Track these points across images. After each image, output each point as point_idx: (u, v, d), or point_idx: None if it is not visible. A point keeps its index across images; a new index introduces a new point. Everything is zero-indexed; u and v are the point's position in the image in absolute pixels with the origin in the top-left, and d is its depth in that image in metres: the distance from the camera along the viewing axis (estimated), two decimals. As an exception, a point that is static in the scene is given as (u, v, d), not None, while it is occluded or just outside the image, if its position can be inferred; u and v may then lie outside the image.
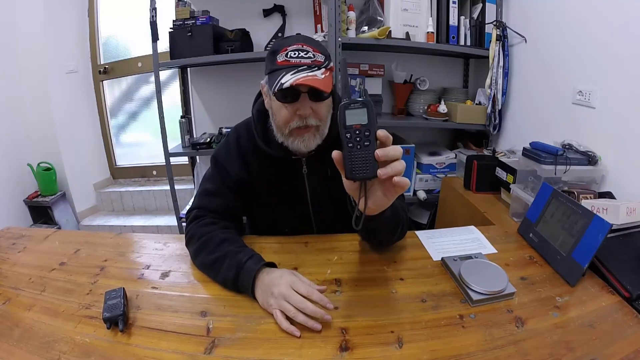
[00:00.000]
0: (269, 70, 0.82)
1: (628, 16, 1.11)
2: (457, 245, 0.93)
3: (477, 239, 0.96)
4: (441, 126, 2.00)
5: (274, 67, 0.79)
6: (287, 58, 0.78)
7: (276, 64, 0.79)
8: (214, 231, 0.85)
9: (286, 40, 0.83)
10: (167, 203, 2.59)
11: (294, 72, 0.76)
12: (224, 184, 0.94)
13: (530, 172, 1.24)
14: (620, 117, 1.15)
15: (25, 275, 0.82)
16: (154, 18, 1.70)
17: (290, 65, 0.78)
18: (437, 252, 0.89)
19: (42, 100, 2.29)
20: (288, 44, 0.80)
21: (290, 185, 0.94)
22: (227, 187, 0.93)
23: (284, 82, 0.75)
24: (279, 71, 0.78)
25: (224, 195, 0.93)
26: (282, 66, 0.78)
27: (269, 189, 0.95)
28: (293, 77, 0.75)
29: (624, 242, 0.86)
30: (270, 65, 0.81)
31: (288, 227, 0.99)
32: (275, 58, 0.79)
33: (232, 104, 2.16)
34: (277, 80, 0.76)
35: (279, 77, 0.76)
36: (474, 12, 1.88)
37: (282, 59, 0.79)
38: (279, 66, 0.78)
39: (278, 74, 0.77)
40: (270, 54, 0.82)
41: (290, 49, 0.79)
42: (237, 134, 0.97)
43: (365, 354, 0.59)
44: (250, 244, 0.86)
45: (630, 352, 0.58)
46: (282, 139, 0.86)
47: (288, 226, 0.99)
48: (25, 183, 2.32)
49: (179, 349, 0.60)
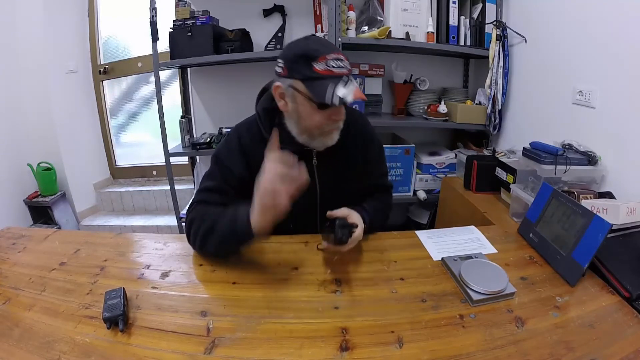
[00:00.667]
0: (304, 76, 0.81)
1: (628, 16, 1.11)
2: (457, 245, 0.93)
3: (477, 239, 0.96)
4: (441, 126, 2.00)
5: (313, 75, 0.80)
6: (329, 68, 0.79)
7: (316, 72, 0.79)
8: (209, 209, 0.88)
9: (316, 45, 0.81)
10: (167, 203, 2.59)
11: (344, 84, 0.79)
12: (225, 181, 0.94)
13: (530, 172, 1.24)
14: (620, 117, 1.15)
15: (25, 275, 0.82)
16: (154, 18, 1.70)
17: (334, 76, 0.80)
18: (437, 252, 0.89)
19: (42, 100, 2.29)
20: (324, 51, 0.80)
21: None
22: (229, 184, 0.94)
23: (342, 96, 0.78)
24: (324, 81, 0.79)
25: (225, 192, 0.94)
26: (325, 75, 0.79)
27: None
28: (348, 91, 0.79)
29: (624, 242, 0.86)
30: (305, 72, 0.80)
31: (292, 223, 0.98)
32: (313, 65, 0.79)
33: (232, 104, 2.16)
34: (328, 91, 0.78)
35: (328, 87, 0.78)
36: (474, 12, 1.88)
37: (323, 67, 0.79)
38: (321, 75, 0.79)
39: (323, 84, 0.79)
40: (303, 59, 0.81)
41: (330, 59, 0.80)
42: (238, 134, 0.98)
43: (365, 354, 0.59)
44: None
45: (630, 352, 0.58)
46: (307, 139, 0.90)
47: (293, 221, 0.99)
48: (25, 183, 2.32)
49: (179, 349, 0.60)
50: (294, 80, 0.83)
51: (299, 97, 0.84)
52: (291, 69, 0.83)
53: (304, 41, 0.84)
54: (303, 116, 0.86)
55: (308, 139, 0.90)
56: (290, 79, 0.83)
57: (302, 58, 0.81)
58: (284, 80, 0.85)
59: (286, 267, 0.84)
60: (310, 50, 0.80)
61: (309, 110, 0.84)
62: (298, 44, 0.84)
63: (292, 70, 0.82)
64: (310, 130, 0.88)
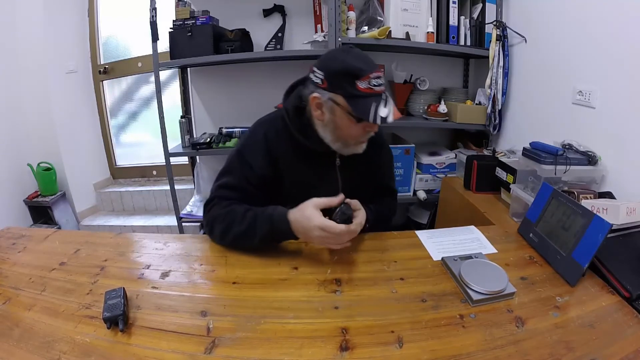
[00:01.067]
0: (347, 93, 0.83)
1: (628, 16, 1.11)
2: (457, 245, 0.93)
3: (477, 239, 0.96)
4: (441, 126, 2.00)
5: (355, 93, 0.82)
6: (371, 86, 0.82)
7: (359, 90, 0.82)
8: (234, 208, 0.91)
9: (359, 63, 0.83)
10: (167, 203, 2.59)
11: (384, 103, 0.84)
12: (245, 178, 0.95)
13: (530, 172, 1.24)
14: (620, 117, 1.15)
15: (25, 275, 0.82)
16: (154, 18, 1.70)
17: (376, 94, 0.83)
18: (437, 252, 0.89)
19: (42, 100, 2.29)
20: (367, 70, 0.82)
21: (323, 176, 1.01)
22: (248, 182, 0.96)
23: (384, 116, 0.82)
24: (366, 99, 0.82)
25: (244, 189, 0.96)
26: (367, 94, 0.82)
27: (300, 181, 0.99)
28: (389, 110, 0.83)
29: (624, 242, 0.86)
30: (349, 89, 0.83)
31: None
32: (356, 84, 0.82)
33: (232, 104, 2.16)
34: (372, 111, 0.81)
35: (371, 107, 0.82)
36: (474, 12, 1.88)
37: (366, 86, 0.82)
38: (364, 93, 0.82)
39: (366, 103, 0.82)
40: (347, 76, 0.82)
41: (373, 77, 0.82)
42: (264, 130, 0.99)
43: (366, 353, 0.59)
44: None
45: (630, 352, 0.58)
46: (341, 147, 0.94)
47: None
48: (25, 183, 2.32)
49: (179, 349, 0.60)
50: (334, 94, 0.85)
51: (338, 110, 0.86)
52: (333, 84, 0.85)
53: (345, 55, 0.85)
54: (340, 127, 0.89)
55: (341, 147, 0.94)
56: (330, 92, 0.85)
57: (346, 75, 0.82)
58: (323, 92, 0.86)
59: (286, 267, 0.84)
60: (354, 68, 0.82)
61: (347, 123, 0.87)
62: (339, 57, 0.85)
63: (334, 85, 0.84)
64: (345, 140, 0.92)
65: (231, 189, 0.96)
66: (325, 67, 0.86)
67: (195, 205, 2.11)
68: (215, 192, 0.97)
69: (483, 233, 0.98)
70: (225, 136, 1.95)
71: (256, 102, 2.13)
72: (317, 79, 0.87)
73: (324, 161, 1.00)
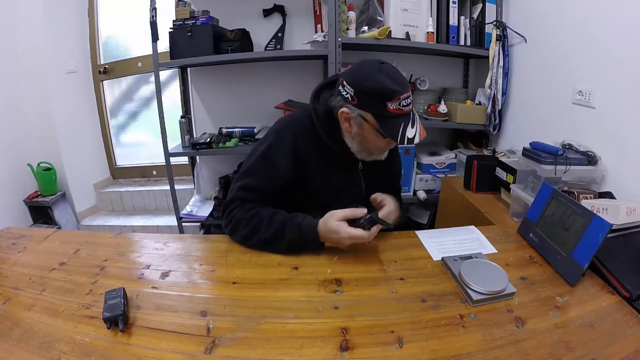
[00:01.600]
0: (377, 112, 0.85)
1: (628, 16, 1.11)
2: (457, 245, 0.93)
3: (477, 239, 0.96)
4: (441, 126, 2.00)
5: (385, 113, 0.84)
6: (401, 107, 0.84)
7: (389, 111, 0.84)
8: (260, 212, 0.92)
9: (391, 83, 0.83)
10: (167, 203, 2.59)
11: (411, 123, 0.86)
12: (269, 180, 0.95)
13: (530, 172, 1.24)
14: (620, 117, 1.15)
15: (25, 275, 0.82)
16: (154, 18, 1.70)
17: (404, 114, 0.86)
18: (437, 252, 0.89)
19: (42, 100, 2.29)
20: (399, 91, 0.83)
21: (347, 179, 1.03)
22: (272, 184, 0.96)
23: (411, 137, 0.85)
24: (395, 120, 0.85)
25: (266, 192, 0.96)
26: (397, 115, 0.85)
27: (325, 183, 1.00)
28: (416, 131, 0.86)
29: (624, 242, 0.86)
30: (379, 109, 0.85)
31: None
32: (387, 105, 0.83)
33: (232, 104, 2.16)
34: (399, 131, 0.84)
35: (400, 128, 0.84)
36: (474, 12, 1.88)
37: (395, 107, 0.84)
38: (393, 114, 0.84)
39: (395, 124, 0.85)
40: (377, 96, 0.84)
41: (403, 98, 0.84)
42: (292, 131, 0.98)
43: (366, 353, 0.59)
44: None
45: (630, 352, 0.58)
46: (366, 156, 0.97)
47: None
48: (25, 183, 2.32)
49: (179, 349, 0.60)
50: (364, 112, 0.87)
51: (367, 126, 0.88)
52: (363, 102, 0.86)
53: (377, 74, 0.84)
54: (367, 140, 0.92)
55: (365, 155, 0.97)
56: (360, 109, 0.87)
57: (377, 95, 0.84)
58: (353, 108, 0.87)
59: (286, 267, 0.84)
60: (386, 89, 0.83)
61: (374, 137, 0.89)
62: (372, 76, 0.85)
63: (364, 103, 0.86)
64: (370, 150, 0.95)
65: (253, 191, 0.95)
66: (356, 84, 0.86)
67: (195, 205, 2.11)
68: (237, 193, 0.97)
69: (483, 233, 0.98)
70: (225, 136, 1.95)
71: (256, 102, 2.13)
72: (347, 94, 0.87)
73: (347, 165, 1.02)
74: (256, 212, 0.92)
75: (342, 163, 1.00)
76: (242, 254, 0.90)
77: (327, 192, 1.01)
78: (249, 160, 1.00)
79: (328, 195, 1.01)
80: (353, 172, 1.04)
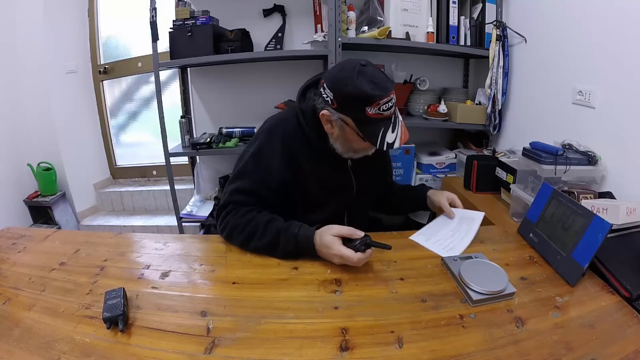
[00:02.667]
0: (355, 117, 0.86)
1: (628, 16, 1.11)
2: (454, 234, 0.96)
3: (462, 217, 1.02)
4: (441, 126, 2.00)
5: (364, 119, 0.84)
6: (381, 112, 0.84)
7: (368, 116, 0.83)
8: (255, 217, 0.90)
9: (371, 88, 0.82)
10: (167, 203, 2.59)
11: (392, 127, 0.86)
12: (262, 182, 0.95)
13: (530, 172, 1.24)
14: (620, 117, 1.15)
15: (25, 275, 0.82)
16: (154, 18, 1.70)
17: (384, 119, 0.85)
18: (442, 249, 0.90)
19: (42, 100, 2.29)
20: (378, 96, 0.82)
21: (338, 178, 1.03)
22: (266, 185, 0.95)
23: (390, 142, 0.85)
24: (375, 125, 0.85)
25: (260, 194, 0.95)
26: (376, 119, 0.84)
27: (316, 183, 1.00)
28: (395, 136, 0.86)
29: (624, 242, 0.86)
30: (358, 114, 0.84)
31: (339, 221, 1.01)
32: (366, 110, 0.82)
33: (232, 104, 2.16)
34: (379, 135, 0.84)
35: (380, 133, 0.85)
36: (474, 12, 1.88)
37: (375, 112, 0.83)
38: (373, 119, 0.84)
39: (375, 128, 0.85)
40: (357, 101, 0.83)
41: (382, 103, 0.82)
42: (281, 131, 0.98)
43: (365, 354, 0.59)
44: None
45: (630, 352, 0.58)
46: (350, 155, 0.97)
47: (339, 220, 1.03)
48: (25, 183, 2.32)
49: (179, 349, 0.60)
50: (344, 116, 0.87)
51: (347, 129, 0.89)
52: (343, 106, 0.86)
53: (357, 77, 0.82)
54: (350, 142, 0.92)
55: (351, 155, 0.98)
56: (340, 113, 0.87)
57: (356, 100, 0.83)
58: (333, 111, 0.88)
59: (286, 267, 0.84)
60: (364, 95, 0.82)
61: (356, 139, 0.90)
62: (351, 81, 0.83)
63: (344, 108, 0.86)
64: (354, 150, 0.96)
65: (246, 194, 0.94)
66: (335, 89, 0.85)
67: (195, 205, 2.11)
68: (230, 196, 0.96)
69: (483, 233, 0.98)
70: (225, 136, 1.95)
71: (256, 102, 2.13)
72: (327, 97, 0.87)
73: (337, 163, 1.02)
74: (251, 217, 0.91)
75: (331, 161, 1.00)
76: (242, 254, 0.90)
77: (322, 191, 1.01)
78: (240, 162, 0.99)
79: (322, 194, 1.01)
80: (342, 170, 1.04)
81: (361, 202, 1.12)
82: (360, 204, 1.12)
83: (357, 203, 1.10)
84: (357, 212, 1.12)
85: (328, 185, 1.02)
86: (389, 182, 1.28)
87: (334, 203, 1.04)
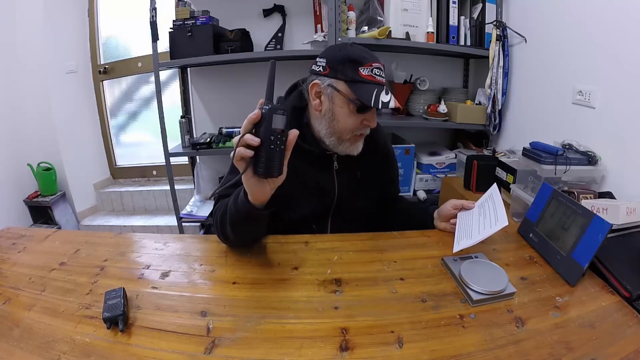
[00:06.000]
0: (349, 78, 0.84)
1: (628, 16, 1.11)
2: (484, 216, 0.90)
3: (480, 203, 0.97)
4: (441, 126, 2.01)
5: (357, 78, 0.83)
6: (374, 75, 0.84)
7: (361, 76, 0.83)
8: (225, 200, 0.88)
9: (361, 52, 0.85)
10: (167, 203, 2.59)
11: (385, 92, 0.84)
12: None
13: (530, 172, 1.24)
14: (620, 117, 1.15)
15: (25, 275, 0.82)
16: (154, 18, 1.71)
17: (377, 83, 0.84)
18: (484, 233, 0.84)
19: (42, 100, 2.29)
20: (370, 59, 0.84)
21: (320, 178, 1.00)
22: None
23: (385, 101, 0.82)
24: (369, 85, 0.83)
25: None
26: (369, 81, 0.84)
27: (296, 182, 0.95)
28: (389, 98, 0.84)
29: (624, 242, 0.86)
30: (351, 74, 0.84)
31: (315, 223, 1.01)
32: (359, 70, 0.83)
33: (232, 104, 2.16)
34: (372, 95, 0.82)
35: (373, 92, 0.82)
36: (474, 12, 1.88)
37: (368, 73, 0.83)
38: (366, 80, 0.83)
39: (369, 88, 0.83)
40: (349, 61, 0.84)
41: (375, 66, 0.84)
42: None
43: (365, 354, 0.59)
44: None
45: (630, 352, 0.58)
46: (335, 143, 0.92)
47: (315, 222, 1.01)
48: (25, 183, 2.32)
49: (179, 349, 0.60)
50: (336, 80, 0.85)
51: (338, 97, 0.86)
52: (335, 70, 0.85)
53: (348, 47, 0.87)
54: (337, 117, 0.88)
55: (335, 142, 0.92)
56: (332, 78, 0.86)
57: (349, 61, 0.84)
58: (323, 79, 0.87)
59: (286, 267, 0.84)
60: (357, 55, 0.84)
61: (346, 112, 0.87)
62: (343, 48, 0.87)
63: (337, 70, 0.85)
64: (340, 133, 0.90)
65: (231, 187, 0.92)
66: (328, 55, 0.88)
67: (195, 205, 2.11)
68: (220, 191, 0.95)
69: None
70: (225, 136, 1.95)
71: (256, 102, 2.12)
72: (318, 67, 0.88)
73: (321, 164, 1.00)
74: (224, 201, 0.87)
75: (315, 161, 0.98)
76: (242, 254, 0.90)
77: (301, 189, 0.97)
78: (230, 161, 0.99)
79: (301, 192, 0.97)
80: (326, 171, 1.00)
81: (347, 209, 1.04)
82: (347, 211, 1.05)
83: (342, 210, 1.04)
84: (343, 220, 1.05)
85: (309, 185, 0.98)
86: (394, 192, 1.20)
87: (315, 203, 1.00)
